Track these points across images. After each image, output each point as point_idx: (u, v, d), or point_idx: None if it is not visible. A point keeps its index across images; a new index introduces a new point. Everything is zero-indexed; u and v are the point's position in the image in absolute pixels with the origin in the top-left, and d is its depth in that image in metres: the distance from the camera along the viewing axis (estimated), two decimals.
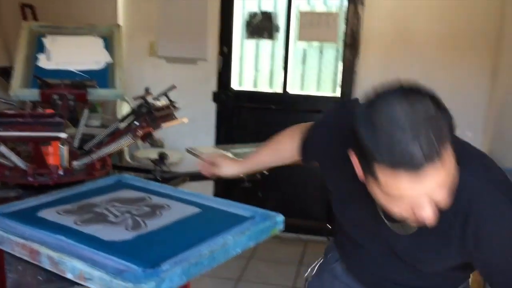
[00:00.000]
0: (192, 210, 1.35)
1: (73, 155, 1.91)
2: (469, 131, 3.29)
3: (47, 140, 1.67)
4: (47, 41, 2.48)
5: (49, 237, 1.13)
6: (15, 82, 2.20)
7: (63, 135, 1.61)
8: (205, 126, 3.73)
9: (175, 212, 1.33)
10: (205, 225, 1.26)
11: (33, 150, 1.71)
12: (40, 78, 2.12)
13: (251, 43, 3.81)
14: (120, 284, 0.94)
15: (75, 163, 1.85)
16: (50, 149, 1.72)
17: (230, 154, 2.44)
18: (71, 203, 1.36)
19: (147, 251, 1.09)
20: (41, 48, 2.44)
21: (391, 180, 0.85)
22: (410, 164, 0.82)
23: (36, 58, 2.37)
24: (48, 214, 1.28)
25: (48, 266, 1.06)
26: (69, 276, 1.02)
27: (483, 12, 3.20)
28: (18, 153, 1.87)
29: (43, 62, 2.37)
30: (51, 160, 1.75)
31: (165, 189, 1.51)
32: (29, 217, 1.26)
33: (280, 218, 1.32)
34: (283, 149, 1.45)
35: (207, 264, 1.08)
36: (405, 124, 0.83)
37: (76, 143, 2.07)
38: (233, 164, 1.54)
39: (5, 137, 1.58)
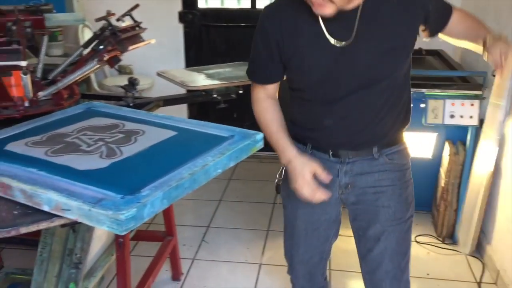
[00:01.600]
0: (168, 133, 1.30)
1: (37, 86, 1.81)
2: None
3: (7, 70, 1.57)
4: None
5: (20, 170, 1.08)
6: None
7: (23, 63, 1.51)
8: (174, 48, 3.59)
9: (151, 136, 1.28)
10: (183, 148, 1.22)
11: None
12: None
13: None
14: (100, 213, 0.91)
15: (41, 94, 1.76)
16: (12, 79, 1.62)
17: (203, 76, 2.37)
18: (40, 135, 1.30)
19: (125, 178, 1.06)
20: None
21: None
22: None
23: None
24: (16, 147, 1.22)
25: (22, 200, 1.02)
26: (45, 208, 0.99)
27: None
28: None
29: None
30: (15, 92, 1.66)
31: (138, 114, 1.46)
32: None
33: (259, 136, 1.29)
34: (276, 115, 1.43)
35: (188, 187, 1.05)
36: None
37: (39, 73, 1.96)
38: (301, 158, 1.38)
39: None
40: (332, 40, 1.26)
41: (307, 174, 1.33)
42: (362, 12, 1.25)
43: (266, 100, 1.43)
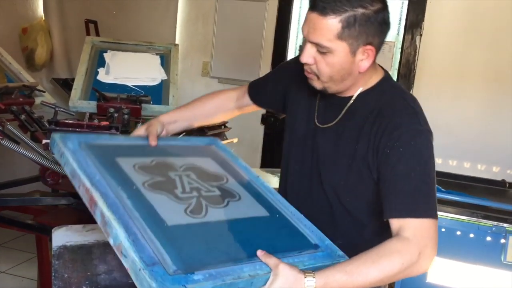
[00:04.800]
0: (260, 211, 1.24)
1: None
2: None
3: None
4: (108, 56, 2.57)
5: (113, 189, 1.09)
6: (75, 94, 2.29)
7: None
8: (252, 148, 3.73)
9: (243, 207, 1.23)
10: (264, 237, 1.15)
11: None
12: (98, 91, 2.19)
13: None
14: (146, 278, 0.90)
15: None
16: None
17: (277, 178, 2.43)
18: (152, 157, 1.29)
19: (190, 247, 1.03)
20: (101, 62, 2.54)
21: (306, 15, 1.17)
22: (311, 4, 1.14)
23: (96, 72, 2.46)
24: (125, 163, 1.22)
25: (98, 222, 1.03)
26: (110, 241, 0.99)
27: None
28: None
29: (102, 76, 2.46)
30: None
31: (247, 174, 1.39)
32: (107, 159, 1.21)
33: (343, 259, 1.15)
34: (207, 104, 1.53)
35: (240, 286, 0.98)
36: None
37: None
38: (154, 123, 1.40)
39: None
40: (316, 119, 1.31)
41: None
42: (350, 107, 1.25)
43: (224, 92, 1.56)
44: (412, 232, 1.09)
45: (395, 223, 1.12)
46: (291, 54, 3.78)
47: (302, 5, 3.78)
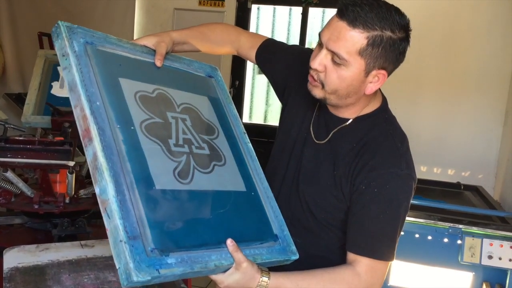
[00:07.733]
0: (238, 185, 1.23)
1: (80, 184, 1.89)
2: (480, 173, 3.25)
3: (55, 168, 1.66)
4: (61, 69, 2.51)
5: (111, 126, 1.00)
6: (27, 109, 2.22)
7: (71, 163, 1.60)
8: None
9: (224, 176, 1.21)
10: (235, 220, 1.15)
11: (41, 177, 1.70)
12: (52, 105, 2.13)
13: (263, 78, 3.84)
14: (125, 252, 0.88)
15: (82, 192, 1.83)
16: (58, 177, 1.71)
17: None
18: (155, 83, 1.20)
19: (171, 222, 1.01)
20: (55, 75, 2.48)
21: (330, 21, 1.11)
22: (341, 12, 1.08)
23: (50, 86, 2.40)
24: (127, 88, 1.11)
25: (88, 159, 0.96)
26: (96, 188, 0.94)
27: (497, 53, 3.21)
28: (25, 180, 1.86)
29: (56, 89, 2.40)
30: (58, 188, 1.74)
31: (236, 127, 1.36)
32: (111, 76, 1.09)
33: (294, 257, 1.21)
34: (214, 34, 1.43)
35: (204, 274, 1.03)
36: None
37: (84, 172, 2.06)
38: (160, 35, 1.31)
39: (13, 164, 1.57)
40: (311, 128, 1.27)
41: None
42: (342, 129, 1.23)
43: (238, 32, 1.45)
44: (364, 269, 1.15)
45: (352, 256, 1.16)
46: (250, 63, 3.80)
47: (260, 15, 3.82)
